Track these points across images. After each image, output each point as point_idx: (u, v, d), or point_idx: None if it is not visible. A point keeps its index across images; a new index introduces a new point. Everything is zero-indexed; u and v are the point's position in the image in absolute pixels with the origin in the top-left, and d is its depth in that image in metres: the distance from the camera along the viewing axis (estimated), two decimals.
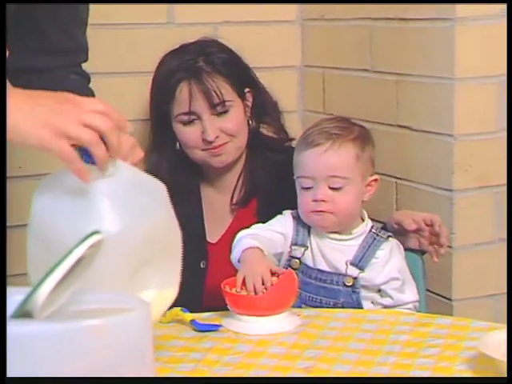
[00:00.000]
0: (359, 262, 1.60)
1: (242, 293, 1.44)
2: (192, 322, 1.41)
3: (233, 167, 1.92)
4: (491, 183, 1.88)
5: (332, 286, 1.59)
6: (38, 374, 0.73)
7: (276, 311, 1.42)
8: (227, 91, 1.84)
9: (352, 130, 1.62)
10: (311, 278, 1.61)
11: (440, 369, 1.21)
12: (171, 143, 1.89)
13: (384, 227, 1.73)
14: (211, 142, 1.83)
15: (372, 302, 1.61)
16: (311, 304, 1.60)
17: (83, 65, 1.61)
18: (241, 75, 1.89)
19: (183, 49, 1.89)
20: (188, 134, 1.85)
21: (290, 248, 1.63)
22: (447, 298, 1.90)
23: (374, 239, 1.62)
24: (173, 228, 1.13)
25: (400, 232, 1.71)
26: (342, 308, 1.57)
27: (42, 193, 1.07)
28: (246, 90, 1.91)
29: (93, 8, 1.59)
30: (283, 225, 1.65)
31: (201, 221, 1.92)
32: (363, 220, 1.66)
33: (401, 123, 1.98)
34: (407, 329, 1.39)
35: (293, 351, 1.31)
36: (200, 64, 1.84)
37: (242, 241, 1.54)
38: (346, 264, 1.60)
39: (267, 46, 2.23)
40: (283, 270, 1.50)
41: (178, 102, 1.84)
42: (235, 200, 1.92)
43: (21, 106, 1.05)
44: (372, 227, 1.65)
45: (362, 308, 1.58)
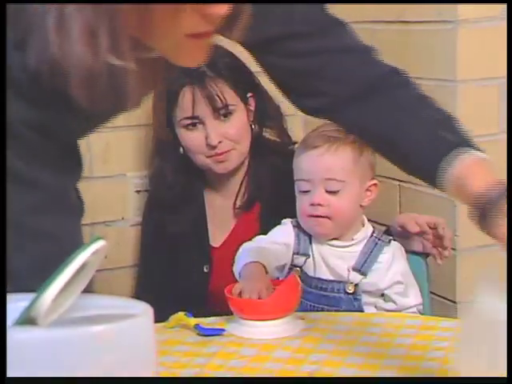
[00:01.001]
0: (361, 268, 1.59)
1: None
2: (196, 327, 1.40)
3: (236, 171, 1.92)
4: None
5: (333, 294, 1.59)
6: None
7: (280, 315, 1.42)
8: (230, 96, 1.84)
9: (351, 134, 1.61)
10: (311, 287, 1.59)
11: (446, 372, 1.21)
12: (174, 148, 1.89)
13: (387, 230, 1.72)
14: (214, 147, 1.83)
15: (375, 307, 1.61)
16: None
17: None
18: (244, 80, 1.89)
19: None
20: (191, 139, 1.85)
21: (292, 257, 1.63)
22: (451, 301, 1.90)
23: (376, 244, 1.62)
24: None
25: (403, 235, 1.71)
26: None
27: None
28: (249, 95, 1.91)
29: None
30: (285, 235, 1.64)
31: (204, 225, 1.92)
32: (364, 225, 1.65)
33: None
34: (412, 332, 1.39)
35: (297, 355, 1.30)
36: (203, 69, 1.84)
37: (245, 254, 1.54)
38: (349, 270, 1.59)
39: None
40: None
41: (181, 107, 1.84)
42: (238, 204, 1.92)
43: None
44: (373, 232, 1.64)
45: None
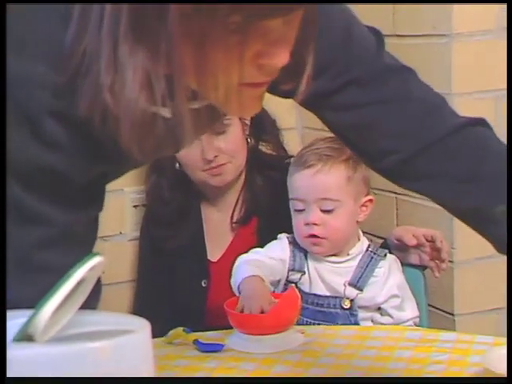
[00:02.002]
0: (357, 283, 1.59)
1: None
2: (195, 342, 1.40)
3: (232, 185, 1.92)
4: None
5: (329, 310, 1.58)
6: None
7: (281, 329, 1.41)
8: None
9: (344, 151, 1.56)
10: (307, 303, 1.59)
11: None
12: (171, 163, 1.89)
13: (384, 243, 1.72)
14: (210, 161, 1.83)
15: (372, 321, 1.60)
16: None
17: None
18: None
19: None
20: (187, 154, 1.85)
21: (288, 273, 1.62)
22: (449, 313, 1.90)
23: (372, 258, 1.61)
24: None
25: (401, 248, 1.71)
26: None
27: None
28: None
29: None
30: (281, 251, 1.63)
31: (201, 239, 1.92)
32: (359, 239, 1.65)
33: None
34: (412, 345, 1.38)
35: (297, 369, 1.30)
36: None
37: (243, 267, 1.53)
38: (345, 285, 1.59)
39: None
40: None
41: None
42: (235, 218, 1.92)
43: None
44: (369, 246, 1.64)
45: None
